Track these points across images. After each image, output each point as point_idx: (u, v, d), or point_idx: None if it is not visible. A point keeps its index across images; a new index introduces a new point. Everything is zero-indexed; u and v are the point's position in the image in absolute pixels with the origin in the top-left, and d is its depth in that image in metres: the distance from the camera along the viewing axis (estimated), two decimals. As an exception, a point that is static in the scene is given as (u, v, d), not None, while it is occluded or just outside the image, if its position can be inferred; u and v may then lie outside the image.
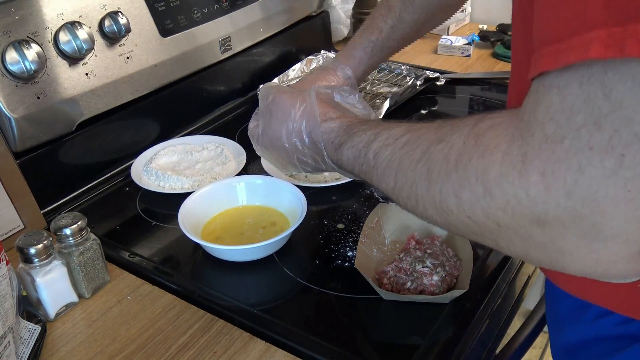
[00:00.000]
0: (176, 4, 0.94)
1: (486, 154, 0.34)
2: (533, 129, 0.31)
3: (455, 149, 0.37)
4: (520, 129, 0.32)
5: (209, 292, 0.66)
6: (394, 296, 0.62)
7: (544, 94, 0.31)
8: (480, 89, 1.14)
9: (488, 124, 0.36)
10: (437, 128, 0.41)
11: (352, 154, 0.51)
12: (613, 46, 0.27)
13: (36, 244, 0.59)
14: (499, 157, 0.33)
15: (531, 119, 0.32)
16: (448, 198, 0.37)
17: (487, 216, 0.35)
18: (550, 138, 0.30)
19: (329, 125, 0.56)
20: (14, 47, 0.72)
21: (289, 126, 0.60)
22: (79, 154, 0.86)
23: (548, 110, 0.30)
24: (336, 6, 1.33)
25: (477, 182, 0.35)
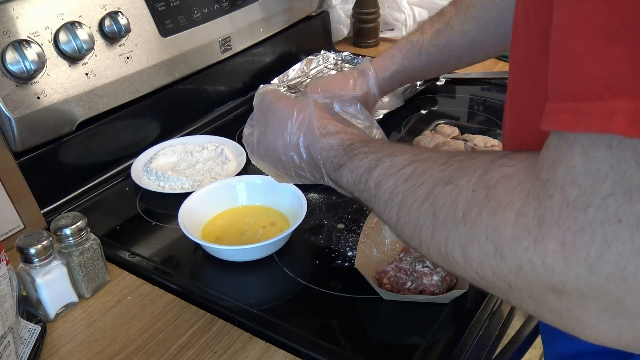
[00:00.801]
0: (176, 4, 0.94)
1: (498, 210, 0.32)
2: (552, 190, 0.29)
3: (463, 197, 0.35)
4: (536, 188, 0.30)
5: (209, 292, 0.66)
6: (394, 296, 0.62)
7: (566, 152, 0.28)
8: (480, 89, 1.14)
9: (500, 174, 0.33)
10: (443, 164, 0.39)
11: (352, 178, 0.49)
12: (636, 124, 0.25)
13: (36, 244, 0.59)
14: (512, 217, 0.31)
15: (550, 178, 0.29)
16: (454, 250, 0.35)
17: (497, 277, 0.32)
18: (572, 204, 0.28)
19: (328, 142, 0.53)
20: (14, 47, 0.72)
21: (285, 139, 0.56)
22: (79, 154, 0.86)
23: (570, 172, 0.28)
24: (336, 6, 1.33)
25: (487, 241, 0.32)
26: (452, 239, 0.35)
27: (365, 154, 0.48)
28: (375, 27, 1.35)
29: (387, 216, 0.43)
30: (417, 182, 0.40)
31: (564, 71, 0.28)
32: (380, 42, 1.38)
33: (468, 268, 0.34)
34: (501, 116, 1.04)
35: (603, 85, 0.26)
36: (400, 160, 0.43)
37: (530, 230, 0.30)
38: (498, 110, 1.06)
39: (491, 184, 0.33)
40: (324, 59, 1.22)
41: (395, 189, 0.42)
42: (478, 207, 0.33)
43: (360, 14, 1.33)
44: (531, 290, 0.31)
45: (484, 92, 1.14)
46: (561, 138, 0.29)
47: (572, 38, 0.28)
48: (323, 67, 1.22)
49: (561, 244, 0.28)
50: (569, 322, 0.31)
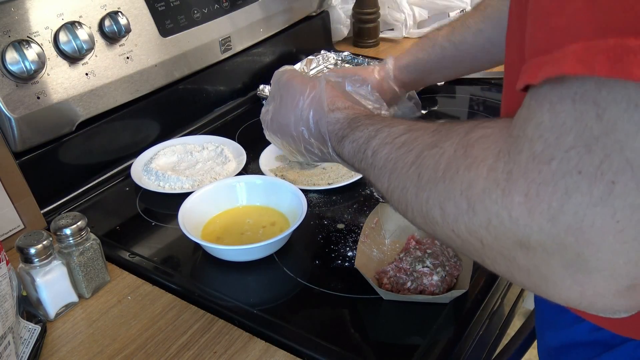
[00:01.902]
0: (176, 4, 0.94)
1: (473, 166, 0.33)
2: (521, 146, 0.29)
3: (445, 157, 0.36)
4: (508, 144, 0.31)
5: (209, 292, 0.66)
6: (394, 296, 0.62)
7: (536, 109, 0.29)
8: (480, 89, 1.14)
9: (479, 134, 0.35)
10: (434, 131, 0.40)
11: (353, 149, 0.50)
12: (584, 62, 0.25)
13: (36, 244, 0.59)
14: (484, 172, 0.32)
15: (520, 134, 0.30)
16: (434, 208, 0.36)
17: (470, 233, 0.33)
18: (538, 157, 0.28)
19: (335, 116, 0.55)
20: (14, 47, 0.72)
21: (297, 114, 0.59)
22: (79, 154, 0.86)
23: (538, 127, 0.29)
24: (336, 6, 1.33)
25: (462, 196, 0.33)
26: (433, 197, 0.36)
27: (366, 126, 0.49)
28: (375, 27, 1.35)
29: (380, 183, 0.44)
30: (409, 148, 0.41)
31: (534, 31, 0.29)
32: (380, 42, 1.38)
33: (445, 226, 0.35)
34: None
35: (563, 35, 0.27)
36: (397, 130, 0.44)
37: (499, 184, 0.30)
38: (498, 110, 1.05)
39: (470, 143, 0.34)
40: (324, 59, 1.22)
41: (389, 156, 0.43)
42: (456, 164, 0.34)
43: (360, 14, 1.33)
44: (501, 248, 0.32)
45: (484, 92, 1.14)
46: (533, 96, 0.29)
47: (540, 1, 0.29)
48: (323, 67, 1.22)
49: (526, 195, 0.29)
50: (536, 279, 0.31)
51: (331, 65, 1.23)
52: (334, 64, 1.23)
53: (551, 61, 0.27)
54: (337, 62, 1.23)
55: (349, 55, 1.25)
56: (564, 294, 0.31)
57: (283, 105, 0.61)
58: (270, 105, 0.65)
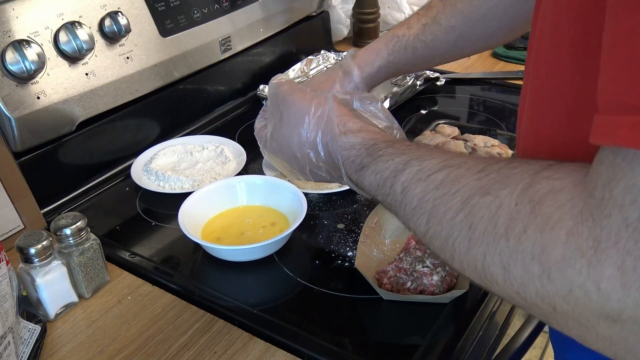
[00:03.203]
0: (176, 4, 0.94)
1: (546, 228, 0.29)
2: (609, 210, 0.27)
3: (505, 210, 0.32)
4: (590, 206, 0.28)
5: (209, 292, 0.66)
6: (394, 296, 0.62)
7: (624, 169, 0.26)
8: (480, 89, 1.14)
9: (547, 188, 0.31)
10: (480, 172, 0.36)
11: (376, 181, 0.46)
12: None
13: (36, 244, 0.59)
14: (562, 236, 0.29)
15: (606, 196, 0.27)
16: (493, 267, 0.33)
17: (542, 299, 0.30)
18: (633, 225, 0.26)
19: (348, 141, 0.50)
20: (14, 47, 0.72)
21: (301, 135, 0.54)
22: (79, 154, 0.86)
23: (630, 191, 0.26)
24: (336, 6, 1.33)
25: (533, 261, 0.30)
26: (492, 254, 0.33)
27: (390, 156, 0.45)
28: (375, 27, 1.35)
29: (414, 224, 0.41)
30: (451, 190, 0.37)
31: (621, 82, 0.27)
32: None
33: (508, 287, 0.32)
34: (501, 116, 1.04)
35: None
36: (430, 165, 0.41)
37: (584, 252, 0.27)
38: (498, 110, 1.06)
39: (537, 198, 0.31)
40: (324, 59, 1.22)
41: (425, 196, 0.39)
42: (523, 222, 0.31)
43: (360, 14, 1.33)
44: (579, 316, 0.29)
45: (484, 92, 1.14)
46: (618, 153, 0.27)
47: (632, 46, 0.26)
48: (323, 67, 1.22)
49: (619, 268, 0.26)
50: (620, 350, 0.29)
51: (331, 65, 1.23)
52: (333, 64, 1.23)
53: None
54: (337, 62, 1.23)
55: (349, 55, 1.24)
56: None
57: (284, 123, 0.56)
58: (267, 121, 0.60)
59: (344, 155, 0.50)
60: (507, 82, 1.14)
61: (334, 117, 0.52)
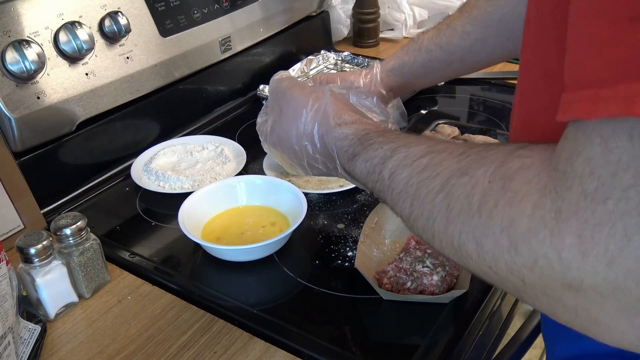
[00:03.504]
0: (176, 4, 0.94)
1: (514, 202, 0.31)
2: (570, 182, 0.28)
3: (479, 188, 0.34)
4: (554, 179, 0.29)
5: (209, 292, 0.66)
6: (394, 296, 0.62)
7: (584, 142, 0.27)
8: (480, 89, 1.14)
9: (517, 165, 0.32)
10: (460, 155, 0.38)
11: (366, 169, 0.48)
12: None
13: (36, 244, 0.59)
14: (528, 209, 0.30)
15: (567, 169, 0.28)
16: (468, 243, 0.34)
17: (511, 271, 0.31)
18: (591, 195, 0.27)
19: (343, 132, 0.52)
20: (14, 47, 0.72)
21: (299, 128, 0.56)
22: (79, 154, 0.86)
23: (589, 163, 0.27)
24: (336, 6, 1.33)
25: (502, 233, 0.31)
26: (466, 231, 0.34)
27: (380, 144, 0.47)
28: (375, 27, 1.35)
29: (400, 207, 0.42)
30: (432, 173, 0.39)
31: (582, 59, 0.28)
32: (380, 42, 1.38)
33: (481, 262, 0.33)
34: (501, 116, 1.04)
35: (624, 68, 0.25)
36: (416, 151, 0.42)
37: (547, 223, 0.29)
38: (498, 110, 1.06)
39: (508, 175, 0.32)
40: (324, 59, 1.22)
41: (410, 180, 0.41)
42: (494, 198, 0.32)
43: (360, 14, 1.33)
44: (546, 287, 0.30)
45: (484, 92, 1.14)
46: (579, 128, 0.28)
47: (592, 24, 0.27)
48: (323, 67, 1.22)
49: (579, 237, 0.27)
50: (584, 321, 0.30)
51: (331, 65, 1.23)
52: (334, 64, 1.23)
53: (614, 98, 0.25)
54: (337, 62, 1.23)
55: (349, 56, 1.25)
56: (617, 337, 0.29)
57: (284, 117, 0.58)
58: (268, 116, 0.62)
59: (338, 145, 0.52)
60: (507, 82, 1.14)
61: (329, 110, 0.54)
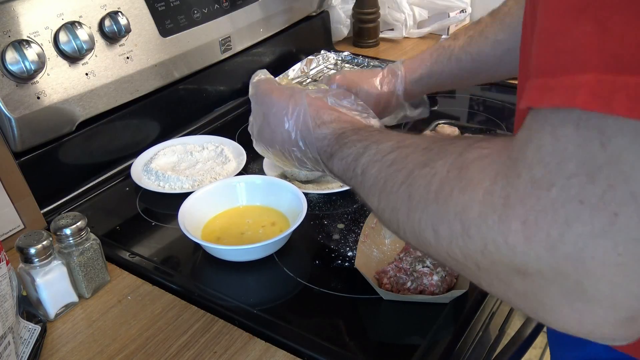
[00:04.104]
0: (176, 4, 0.94)
1: (468, 189, 0.32)
2: (520, 169, 0.28)
3: (437, 177, 0.35)
4: (506, 167, 0.30)
5: (209, 292, 0.66)
6: (394, 296, 0.62)
7: (537, 130, 0.28)
8: (480, 89, 1.14)
9: (475, 155, 0.33)
10: (424, 149, 0.39)
11: (342, 167, 0.49)
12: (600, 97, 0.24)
13: (36, 244, 0.59)
14: (479, 195, 0.31)
15: (519, 157, 0.29)
16: (426, 230, 0.35)
17: (465, 256, 0.32)
18: (537, 183, 0.27)
19: (322, 132, 0.54)
20: (14, 47, 0.72)
21: (283, 135, 0.57)
22: (79, 154, 0.86)
23: (539, 151, 0.28)
24: (336, 6, 1.33)
25: (456, 219, 0.32)
26: (425, 219, 0.35)
27: (354, 142, 0.48)
28: (375, 27, 1.35)
29: (370, 201, 0.44)
30: (399, 167, 0.40)
31: (539, 48, 0.28)
32: (380, 42, 1.38)
33: (439, 248, 0.34)
34: (501, 116, 1.04)
35: (570, 60, 0.26)
36: (386, 147, 0.43)
37: (496, 209, 0.29)
38: (498, 110, 1.06)
39: (464, 164, 0.33)
40: (324, 59, 1.22)
41: (379, 175, 0.42)
42: (450, 186, 0.33)
43: (360, 14, 1.33)
44: (498, 272, 0.31)
45: (484, 92, 1.14)
46: (534, 117, 0.28)
47: (547, 15, 0.28)
48: (323, 67, 1.22)
49: (523, 223, 0.28)
50: (533, 305, 0.31)
51: (331, 65, 1.23)
52: (334, 64, 1.23)
53: (559, 88, 0.26)
54: (337, 62, 1.24)
55: (349, 55, 1.25)
56: (561, 321, 0.30)
57: (267, 124, 0.59)
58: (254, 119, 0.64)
59: (319, 146, 0.54)
60: (507, 82, 1.14)
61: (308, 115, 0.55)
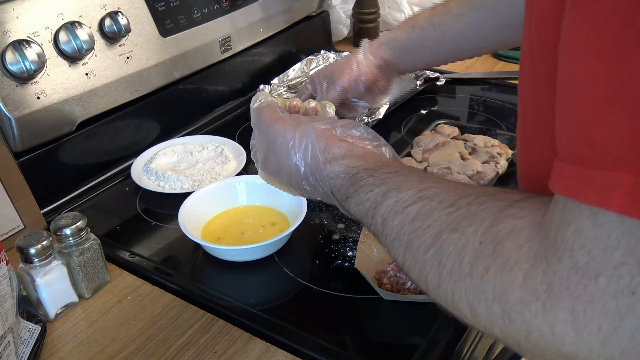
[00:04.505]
0: (176, 4, 0.94)
1: (506, 270, 0.30)
2: (561, 253, 0.27)
3: (469, 248, 0.33)
4: (545, 248, 0.28)
5: (209, 292, 0.66)
6: (394, 296, 0.62)
7: (574, 213, 0.27)
8: (480, 89, 1.14)
9: (509, 227, 0.32)
10: (450, 206, 0.37)
11: (359, 212, 0.47)
12: (637, 203, 0.24)
13: (36, 244, 0.59)
14: (519, 279, 0.29)
15: (558, 239, 0.27)
16: (461, 304, 0.33)
17: (506, 337, 0.31)
18: (582, 270, 0.26)
19: (334, 170, 0.50)
20: (14, 47, 0.72)
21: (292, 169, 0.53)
22: (79, 154, 0.86)
23: (579, 236, 0.26)
24: (336, 6, 1.33)
25: (495, 302, 0.31)
26: (459, 292, 0.33)
27: (370, 187, 0.46)
28: (375, 27, 1.35)
29: (394, 254, 0.42)
30: (424, 225, 0.38)
31: (566, 131, 0.27)
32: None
33: (477, 323, 0.33)
34: (501, 116, 1.04)
35: (602, 152, 0.25)
36: (406, 197, 0.41)
37: (539, 296, 0.28)
38: (498, 110, 1.06)
39: (499, 239, 0.32)
40: (324, 59, 1.22)
41: (402, 229, 0.40)
42: (485, 262, 0.32)
43: (360, 14, 1.33)
44: (543, 355, 0.30)
45: (484, 92, 1.14)
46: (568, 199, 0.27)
47: (574, 98, 0.27)
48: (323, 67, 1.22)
49: (571, 313, 0.27)
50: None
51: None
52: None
53: (593, 185, 0.25)
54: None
55: (349, 55, 1.24)
56: None
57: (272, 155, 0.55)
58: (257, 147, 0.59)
59: (331, 184, 0.50)
60: (507, 82, 1.14)
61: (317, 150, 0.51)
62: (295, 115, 0.58)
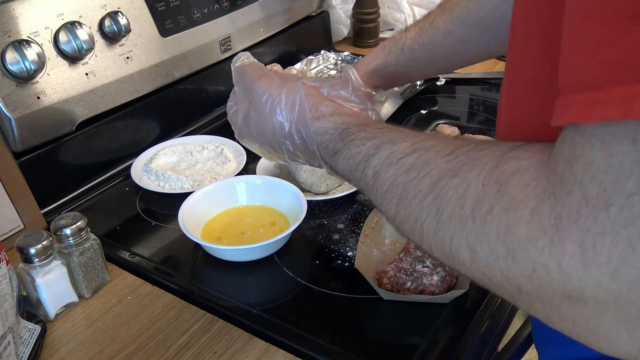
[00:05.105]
0: (176, 4, 0.94)
1: (511, 208, 0.29)
2: (570, 187, 0.26)
3: (471, 191, 0.32)
4: (553, 184, 0.28)
5: (209, 292, 0.66)
6: (394, 296, 0.62)
7: (584, 146, 0.26)
8: (480, 89, 1.14)
9: (513, 167, 0.31)
10: (449, 154, 0.36)
11: (348, 166, 0.46)
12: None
13: (36, 244, 0.59)
14: (526, 215, 0.29)
15: (567, 173, 0.27)
16: (460, 249, 0.33)
17: (507, 279, 0.30)
18: (592, 202, 0.25)
19: (322, 126, 0.49)
20: (14, 47, 0.72)
21: (275, 125, 0.52)
22: (79, 154, 0.86)
23: (589, 168, 0.26)
24: (336, 6, 1.33)
25: (498, 241, 0.30)
26: (459, 237, 0.33)
27: (362, 140, 0.45)
28: (375, 27, 1.35)
29: (385, 207, 0.41)
30: (420, 173, 0.37)
31: (578, 61, 0.27)
32: (380, 42, 1.38)
33: (475, 269, 0.32)
34: (501, 116, 1.04)
35: (621, 70, 0.24)
36: (401, 149, 0.40)
37: (547, 230, 0.27)
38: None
39: (503, 179, 0.31)
40: (324, 59, 1.22)
41: (396, 180, 0.39)
42: (489, 203, 0.31)
43: (360, 14, 1.33)
44: (543, 296, 0.29)
45: (484, 92, 1.14)
46: (577, 131, 0.27)
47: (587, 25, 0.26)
48: (323, 67, 1.22)
49: (580, 246, 0.26)
50: (582, 331, 0.29)
51: (331, 65, 1.23)
52: (334, 64, 1.23)
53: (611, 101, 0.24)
54: (337, 62, 1.23)
55: (349, 56, 1.25)
56: (616, 348, 0.28)
57: (254, 112, 0.54)
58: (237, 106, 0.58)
59: (318, 141, 0.49)
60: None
61: (305, 105, 0.51)
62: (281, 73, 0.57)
